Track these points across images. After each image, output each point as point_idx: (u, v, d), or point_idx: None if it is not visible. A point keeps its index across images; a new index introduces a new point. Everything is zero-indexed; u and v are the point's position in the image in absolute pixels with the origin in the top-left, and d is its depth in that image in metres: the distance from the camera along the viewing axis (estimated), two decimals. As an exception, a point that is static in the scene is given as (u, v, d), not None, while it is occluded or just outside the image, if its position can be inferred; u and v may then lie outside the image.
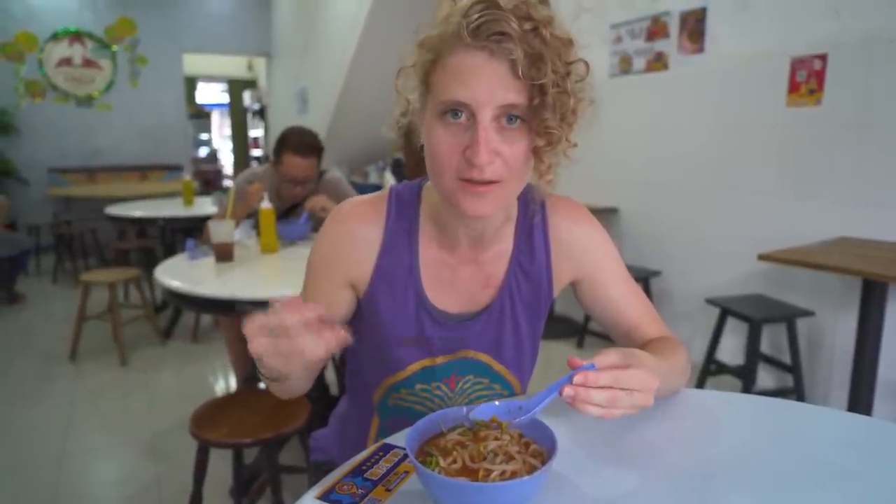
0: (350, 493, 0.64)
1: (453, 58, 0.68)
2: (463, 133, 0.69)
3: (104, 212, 4.14)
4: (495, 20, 0.64)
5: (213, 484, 1.82)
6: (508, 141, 0.69)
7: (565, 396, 0.61)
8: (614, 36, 3.43)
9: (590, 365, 0.62)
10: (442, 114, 0.69)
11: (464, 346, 0.87)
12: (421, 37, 0.71)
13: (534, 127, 0.68)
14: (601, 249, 0.90)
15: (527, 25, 0.65)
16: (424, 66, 0.71)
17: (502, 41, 0.64)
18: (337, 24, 5.62)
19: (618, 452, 0.72)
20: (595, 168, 3.51)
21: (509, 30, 0.64)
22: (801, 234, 2.52)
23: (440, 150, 0.70)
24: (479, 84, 0.66)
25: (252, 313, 0.58)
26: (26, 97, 6.17)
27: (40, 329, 3.90)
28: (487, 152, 0.67)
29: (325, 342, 0.57)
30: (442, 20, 0.69)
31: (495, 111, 0.67)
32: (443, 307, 0.86)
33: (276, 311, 0.57)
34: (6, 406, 2.75)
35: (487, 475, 0.58)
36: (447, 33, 0.68)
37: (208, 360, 3.30)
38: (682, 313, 3.20)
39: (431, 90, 0.71)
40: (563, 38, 0.67)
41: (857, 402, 2.16)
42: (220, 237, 2.01)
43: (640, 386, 0.63)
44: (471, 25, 0.65)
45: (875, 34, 2.30)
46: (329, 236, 0.86)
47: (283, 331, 0.56)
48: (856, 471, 0.67)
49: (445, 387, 0.88)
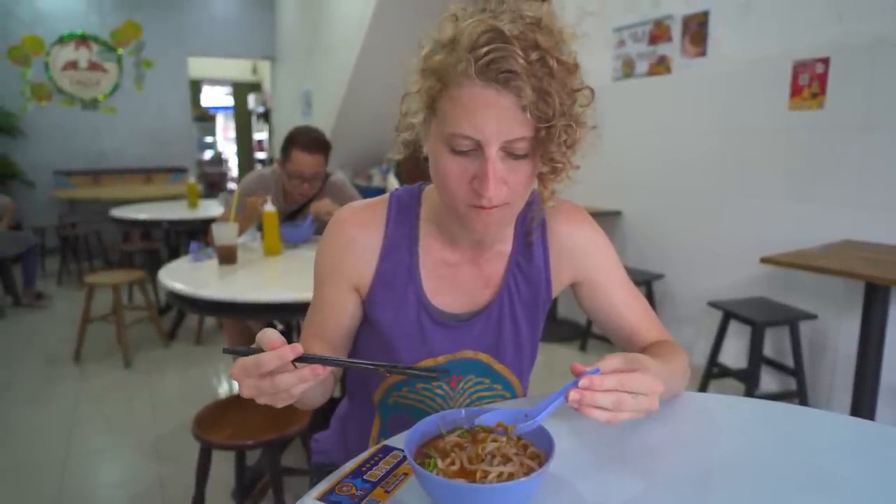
0: (349, 495, 0.65)
1: (460, 91, 0.68)
2: (471, 162, 0.70)
3: (109, 214, 4.17)
4: (503, 58, 0.64)
5: (216, 485, 1.83)
6: (514, 169, 0.70)
7: (571, 401, 0.61)
8: (617, 39, 3.43)
9: (594, 370, 0.63)
10: (449, 142, 0.71)
11: (464, 345, 0.87)
12: (425, 62, 0.71)
13: (538, 155, 0.70)
14: (601, 253, 0.91)
15: (533, 56, 0.64)
16: (430, 92, 0.71)
17: (511, 79, 0.64)
18: (341, 27, 5.64)
19: (618, 455, 0.72)
20: (598, 171, 3.48)
21: (517, 67, 0.64)
22: (804, 238, 2.52)
23: (449, 179, 0.72)
24: (488, 120, 0.67)
25: (236, 358, 0.62)
26: (32, 100, 6.21)
27: (44, 331, 3.91)
28: (496, 185, 0.69)
29: (299, 377, 0.60)
30: (446, 43, 0.69)
31: (503, 145, 0.68)
32: (443, 307, 0.87)
33: (257, 353, 0.61)
34: (11, 407, 2.77)
35: (485, 477, 0.59)
36: (456, 68, 0.67)
37: (212, 362, 3.30)
38: (685, 316, 3.20)
39: (438, 116, 0.72)
40: (569, 65, 0.68)
41: (860, 407, 2.15)
42: (224, 240, 2.02)
43: (646, 389, 0.64)
44: (479, 62, 0.65)
45: (878, 38, 2.30)
46: (330, 243, 0.87)
47: (262, 372, 0.60)
48: (858, 476, 0.67)
49: (447, 386, 0.89)
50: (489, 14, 0.67)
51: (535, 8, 0.68)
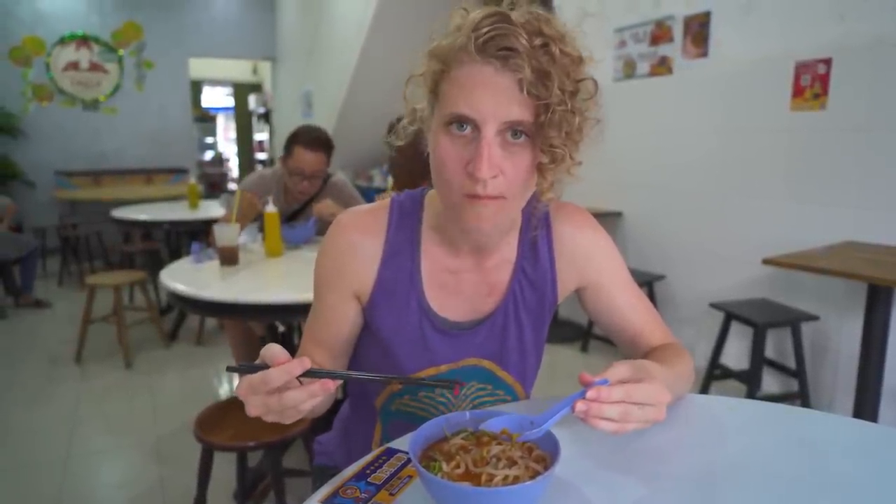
0: (353, 498, 0.64)
1: (460, 70, 0.68)
2: (467, 145, 0.69)
3: (110, 215, 4.17)
4: (504, 35, 0.64)
5: (217, 487, 1.83)
6: (512, 156, 0.69)
7: (578, 412, 0.61)
8: (618, 40, 3.43)
9: (602, 381, 0.62)
10: (447, 125, 0.70)
11: (468, 353, 0.86)
12: (431, 45, 0.71)
13: (538, 144, 0.68)
14: (605, 256, 0.90)
15: (537, 41, 0.64)
16: (433, 75, 0.71)
17: (510, 57, 0.64)
18: (342, 27, 5.64)
19: (621, 458, 0.72)
20: (599, 172, 3.50)
21: (518, 45, 0.64)
22: (806, 239, 2.51)
23: (444, 163, 0.71)
24: (485, 99, 0.66)
25: (243, 376, 0.62)
26: (33, 101, 6.22)
27: (46, 331, 3.91)
28: (490, 167, 0.67)
29: (308, 393, 0.60)
30: (453, 30, 0.69)
31: (500, 126, 0.67)
32: (446, 315, 0.85)
33: (263, 370, 0.60)
34: (11, 408, 2.76)
35: (490, 480, 0.58)
36: (456, 45, 0.68)
37: (213, 363, 3.30)
38: (687, 318, 3.19)
39: (439, 100, 0.72)
40: (574, 56, 0.67)
41: (863, 408, 2.15)
42: (225, 241, 2.01)
43: (652, 400, 0.63)
44: (479, 39, 0.65)
45: (880, 38, 2.30)
46: (330, 249, 0.86)
47: (269, 389, 0.60)
48: (860, 477, 0.67)
49: (449, 393, 0.88)
50: (500, 6, 0.68)
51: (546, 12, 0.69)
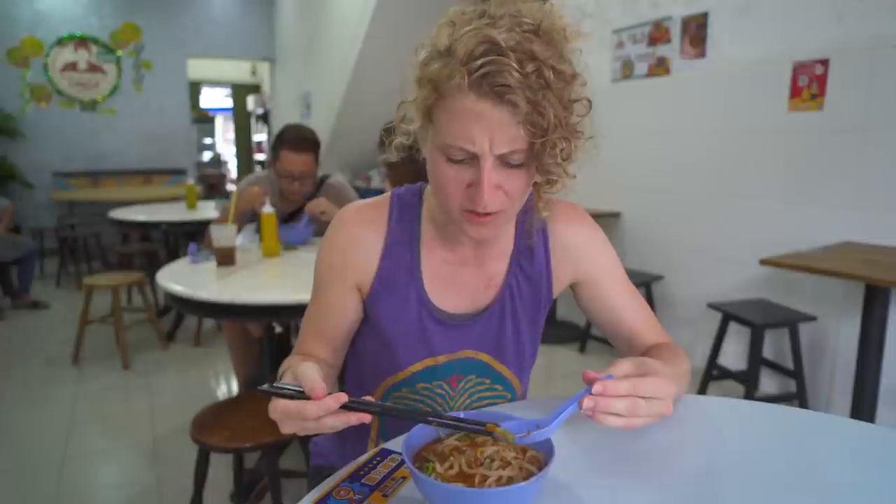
0: (347, 499, 0.64)
1: (454, 102, 0.67)
2: (466, 170, 0.70)
3: (108, 216, 4.15)
4: (498, 71, 0.63)
5: (214, 488, 1.83)
6: (510, 177, 0.70)
7: (585, 409, 0.61)
8: (616, 41, 3.43)
9: (607, 377, 0.62)
10: (445, 152, 0.71)
11: (465, 345, 0.87)
12: (421, 70, 0.71)
13: (535, 166, 0.70)
14: (600, 252, 0.91)
15: (529, 68, 0.63)
16: (426, 101, 0.71)
17: (505, 93, 0.64)
18: (340, 29, 5.64)
19: (617, 459, 0.71)
20: (597, 173, 3.48)
21: (511, 81, 0.63)
22: (804, 239, 2.51)
23: (445, 185, 0.72)
24: (482, 133, 0.66)
25: (276, 397, 0.63)
26: (31, 102, 6.21)
27: (43, 332, 3.91)
28: (490, 194, 0.69)
29: (343, 421, 0.61)
30: (442, 52, 0.68)
31: (497, 156, 0.68)
32: (444, 307, 0.86)
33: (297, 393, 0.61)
34: (9, 409, 2.76)
35: (484, 481, 0.58)
36: (448, 77, 0.67)
37: (210, 364, 3.30)
38: (685, 318, 3.19)
39: (434, 125, 0.72)
40: (566, 75, 0.67)
41: (860, 409, 2.15)
42: (222, 241, 2.01)
43: (660, 393, 0.63)
44: (473, 75, 0.64)
45: (877, 39, 2.30)
46: (332, 242, 0.87)
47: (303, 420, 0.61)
48: (858, 478, 0.67)
49: (447, 385, 0.89)
50: (487, 21, 0.66)
51: (535, 10, 0.67)
